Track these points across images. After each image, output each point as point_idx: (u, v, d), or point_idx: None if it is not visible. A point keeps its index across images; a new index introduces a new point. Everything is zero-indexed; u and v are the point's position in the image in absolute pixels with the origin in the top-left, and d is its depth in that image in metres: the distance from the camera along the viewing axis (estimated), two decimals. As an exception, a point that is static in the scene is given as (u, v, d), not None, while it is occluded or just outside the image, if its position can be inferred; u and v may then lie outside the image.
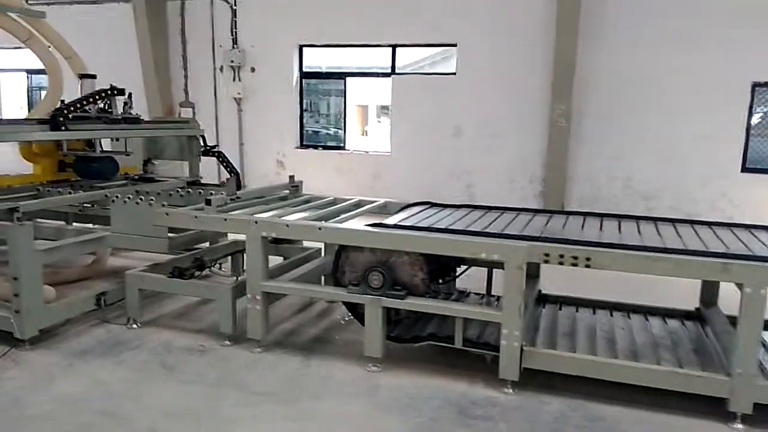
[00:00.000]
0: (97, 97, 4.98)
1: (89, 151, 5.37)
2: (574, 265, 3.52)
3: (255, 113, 11.24)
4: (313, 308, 5.28)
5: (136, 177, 6.18)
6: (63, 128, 4.64)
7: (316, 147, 11.29)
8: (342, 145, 11.16)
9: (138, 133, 5.44)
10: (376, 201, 5.21)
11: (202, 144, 6.35)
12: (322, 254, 5.46)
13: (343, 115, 11.12)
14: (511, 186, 9.78)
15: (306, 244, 5.52)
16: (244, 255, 5.01)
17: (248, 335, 4.28)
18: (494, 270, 4.67)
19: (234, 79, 11.20)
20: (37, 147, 5.31)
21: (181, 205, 5.31)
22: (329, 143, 11.36)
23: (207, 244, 5.54)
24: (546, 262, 3.57)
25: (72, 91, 5.99)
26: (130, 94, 5.37)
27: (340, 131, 11.74)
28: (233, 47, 11.06)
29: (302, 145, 11.28)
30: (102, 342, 4.41)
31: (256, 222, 4.12)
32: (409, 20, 9.98)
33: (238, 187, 6.30)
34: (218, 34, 11.19)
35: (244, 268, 5.34)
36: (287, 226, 4.08)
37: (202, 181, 6.41)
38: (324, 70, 11.28)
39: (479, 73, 9.71)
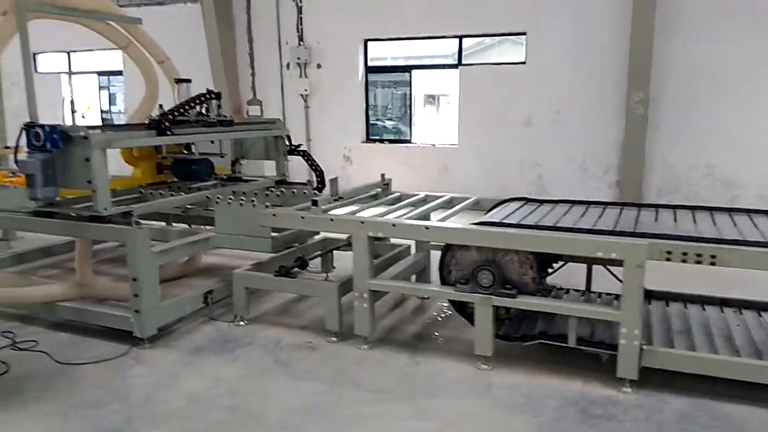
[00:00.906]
0: (197, 101, 5.12)
1: (187, 153, 5.55)
2: (698, 263, 3.45)
3: (321, 109, 11.36)
4: (407, 305, 5.33)
5: (225, 177, 6.34)
6: (168, 133, 4.81)
7: (382, 141, 11.34)
8: (408, 138, 11.17)
9: (231, 134, 5.59)
10: (468, 197, 5.21)
11: (287, 143, 6.46)
12: (412, 251, 5.51)
13: (408, 108, 11.11)
14: (584, 176, 9.59)
15: (393, 241, 5.58)
16: (333, 253, 5.22)
17: (355, 332, 4.36)
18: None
19: (300, 76, 11.33)
20: (137, 151, 5.51)
21: (277, 204, 5.45)
22: (387, 136, 11.37)
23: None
24: (668, 260, 3.50)
25: (164, 95, 6.21)
26: (219, 95, 5.51)
27: (399, 124, 11.76)
28: (299, 44, 11.19)
29: (368, 139, 11.34)
30: (214, 339, 4.58)
31: (362, 222, 4.18)
32: (476, 10, 9.86)
33: (322, 185, 6.43)
34: (284, 32, 11.33)
35: (333, 265, 5.52)
36: (393, 225, 4.13)
37: (288, 180, 6.54)
38: (389, 63, 11.28)
39: (550, 61, 9.53)
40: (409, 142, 11.12)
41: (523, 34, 9.76)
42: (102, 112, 13.92)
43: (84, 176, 4.25)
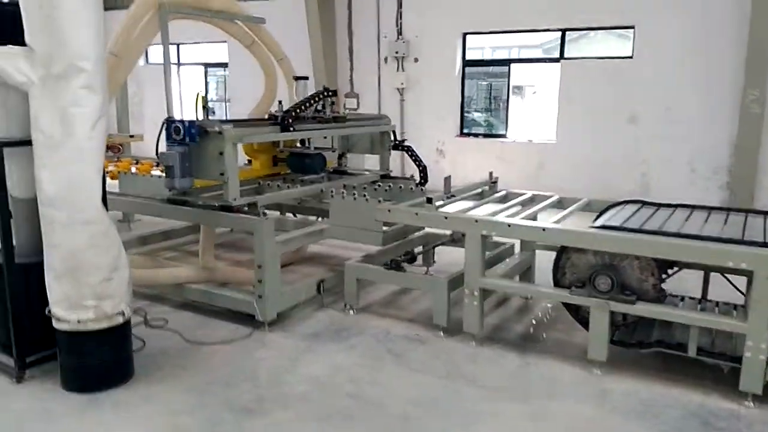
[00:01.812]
0: (316, 98, 5.36)
1: (302, 147, 5.81)
2: (840, 278, 3.29)
3: (416, 102, 11.46)
4: (510, 303, 5.36)
5: (332, 170, 6.57)
6: (291, 129, 5.06)
7: (476, 135, 11.31)
8: (503, 132, 11.08)
9: (345, 130, 5.80)
10: (579, 199, 5.16)
11: (392, 138, 6.61)
12: (516, 250, 5.53)
13: (505, 103, 11.02)
14: (692, 177, 9.19)
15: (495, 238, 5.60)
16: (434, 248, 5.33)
17: (464, 329, 4.45)
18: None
19: (398, 69, 11.48)
20: (257, 144, 5.82)
21: (385, 198, 5.60)
22: (477, 129, 11.29)
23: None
24: (806, 274, 3.36)
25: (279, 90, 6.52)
26: (335, 93, 5.72)
27: (489, 117, 11.69)
28: (398, 38, 11.32)
29: (462, 134, 11.35)
30: (328, 327, 4.80)
31: (476, 221, 4.26)
32: (581, 2, 9.62)
33: (425, 180, 6.54)
34: (383, 26, 11.50)
35: (434, 260, 5.62)
36: (509, 226, 4.18)
37: (392, 174, 6.71)
38: (487, 57, 11.22)
39: (660, 56, 9.17)
40: (504, 136, 11.03)
41: (631, 27, 9.43)
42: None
43: (217, 168, 4.57)
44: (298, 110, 5.19)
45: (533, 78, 13.52)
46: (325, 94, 5.49)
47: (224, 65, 13.91)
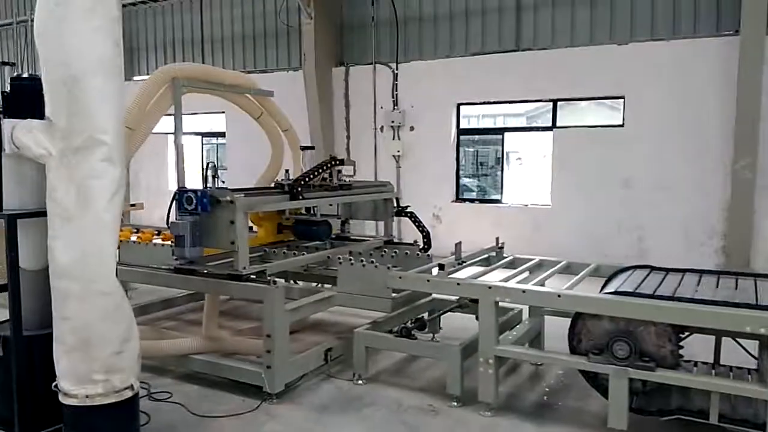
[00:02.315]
0: (324, 167, 5.44)
1: (309, 215, 5.84)
2: None
3: (412, 169, 11.65)
4: (521, 371, 5.28)
5: (335, 237, 6.58)
6: (300, 197, 5.11)
7: (472, 201, 11.46)
8: (498, 198, 11.25)
9: (352, 198, 5.86)
10: (587, 264, 5.18)
11: (395, 205, 6.68)
12: (524, 317, 5.50)
13: (500, 169, 11.24)
14: (687, 241, 9.30)
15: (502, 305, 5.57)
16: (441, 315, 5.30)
17: (479, 398, 4.36)
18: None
19: (393, 138, 11.73)
20: (262, 212, 5.84)
21: (393, 265, 5.60)
22: (469, 195, 11.51)
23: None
24: (826, 338, 3.36)
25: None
26: (342, 161, 5.82)
27: (482, 183, 11.90)
28: (394, 108, 11.63)
29: (458, 199, 11.50)
30: (337, 397, 4.69)
31: (489, 287, 4.25)
32: (571, 75, 10.00)
33: (429, 245, 6.56)
34: (379, 97, 11.83)
35: (440, 326, 5.57)
36: (524, 292, 4.18)
37: (395, 240, 6.73)
38: (479, 126, 11.53)
39: (650, 124, 9.46)
40: (499, 201, 11.18)
41: (621, 98, 9.78)
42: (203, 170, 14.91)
43: (228, 237, 4.57)
44: (307, 179, 5.26)
45: (518, 145, 13.82)
46: (332, 163, 5.58)
47: (221, 135, 14.15)
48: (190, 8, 14.15)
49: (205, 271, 4.90)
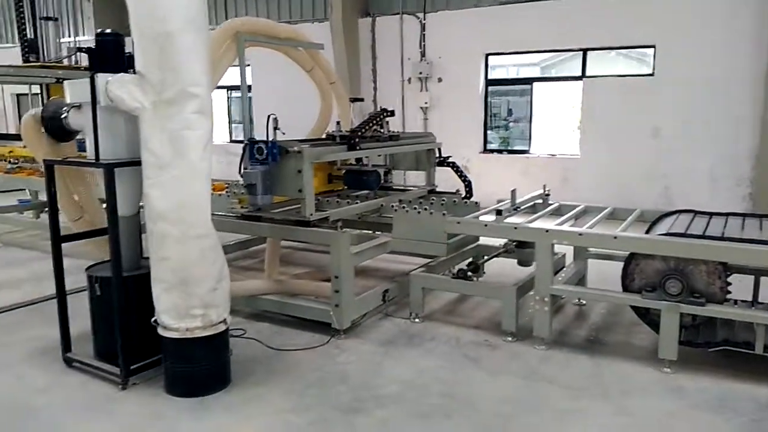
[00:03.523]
0: (378, 119, 5.65)
1: (360, 165, 6.08)
2: None
3: (440, 120, 11.77)
4: (566, 311, 5.59)
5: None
6: (357, 148, 5.34)
7: (500, 152, 11.63)
8: (527, 148, 11.41)
9: (402, 148, 6.09)
10: (632, 210, 5.43)
11: (437, 155, 6.90)
12: (568, 260, 5.78)
13: (528, 120, 11.35)
14: (714, 187, 9.50)
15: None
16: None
17: (534, 333, 4.70)
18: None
19: (421, 90, 11.82)
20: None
21: (443, 212, 5.87)
22: (491, 146, 11.69)
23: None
24: None
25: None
26: (393, 113, 6.02)
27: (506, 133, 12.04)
28: (422, 59, 11.68)
29: (486, 150, 11.67)
30: (398, 334, 5.03)
31: (546, 231, 4.52)
32: (601, 23, 10.01)
33: (470, 194, 6.81)
34: (407, 48, 11.87)
35: (483, 270, 5.87)
36: (580, 235, 4.45)
37: (438, 189, 6.98)
38: (509, 76, 11.58)
39: (680, 73, 9.52)
40: (527, 152, 11.35)
41: (652, 47, 9.81)
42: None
43: (296, 185, 4.83)
44: (362, 130, 5.47)
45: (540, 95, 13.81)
46: (384, 114, 5.78)
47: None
48: (214, -42, 14.06)
49: (272, 218, 5.18)
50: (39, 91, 8.12)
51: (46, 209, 9.78)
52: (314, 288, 5.53)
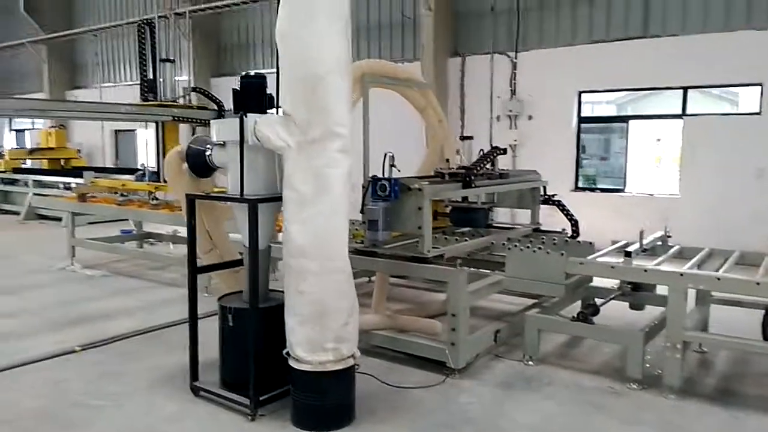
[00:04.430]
0: (491, 157, 5.68)
1: (468, 203, 6.10)
2: None
3: (530, 158, 11.66)
4: (688, 358, 5.33)
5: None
6: (473, 186, 5.37)
7: (593, 190, 11.40)
8: (621, 187, 11.13)
9: (513, 186, 6.09)
10: (762, 254, 5.16)
11: (542, 193, 6.84)
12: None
13: (624, 157, 11.09)
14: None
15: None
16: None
17: (665, 381, 4.49)
18: None
19: (510, 127, 11.81)
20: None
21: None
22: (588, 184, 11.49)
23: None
24: None
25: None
26: (505, 151, 6.04)
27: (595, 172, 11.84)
28: (512, 97, 11.71)
29: (577, 188, 11.46)
30: (514, 376, 4.93)
31: (681, 274, 4.36)
32: (703, 60, 9.75)
33: (577, 233, 6.68)
34: (496, 86, 11.94)
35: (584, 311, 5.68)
36: (718, 279, 4.26)
37: (542, 228, 6.89)
38: (605, 114, 11.43)
39: (790, 112, 9.12)
40: (621, 191, 11.07)
41: (758, 84, 9.45)
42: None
43: (416, 222, 4.89)
44: (478, 167, 5.51)
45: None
46: (497, 152, 5.80)
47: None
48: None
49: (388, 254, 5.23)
50: (155, 129, 8.65)
51: (148, 239, 10.45)
52: (423, 325, 5.53)
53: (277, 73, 4.01)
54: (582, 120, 11.37)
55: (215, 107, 8.56)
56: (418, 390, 4.64)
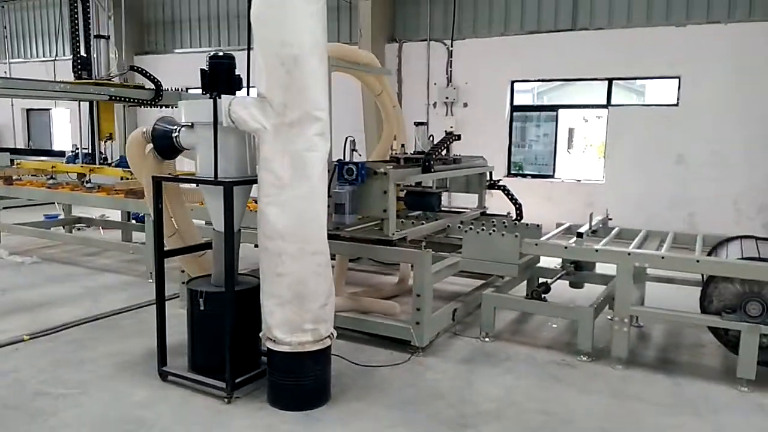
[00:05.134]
0: (447, 142, 5.85)
1: (423, 187, 6.26)
2: None
3: (466, 145, 11.94)
4: (626, 331, 5.78)
5: (431, 208, 7.00)
6: (432, 170, 5.52)
7: (525, 176, 11.91)
8: (551, 174, 11.69)
9: (466, 171, 6.30)
10: (693, 235, 5.67)
11: (488, 178, 7.12)
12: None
13: (553, 145, 11.65)
14: (737, 215, 9.83)
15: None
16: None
17: (612, 353, 4.87)
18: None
19: (446, 114, 12.09)
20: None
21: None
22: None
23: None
24: None
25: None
26: (459, 137, 6.24)
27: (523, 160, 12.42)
28: (448, 85, 11.98)
29: (510, 174, 11.93)
30: (474, 352, 5.17)
31: (629, 254, 4.72)
32: (627, 54, 10.39)
33: (521, 216, 7.02)
34: (433, 73, 12.17)
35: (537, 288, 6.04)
36: (662, 258, 4.65)
37: (488, 212, 7.19)
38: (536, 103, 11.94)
39: (704, 104, 9.92)
40: (551, 177, 11.63)
41: (676, 78, 10.19)
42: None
43: (381, 205, 5.00)
44: (436, 153, 5.67)
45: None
46: (452, 138, 5.98)
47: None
48: (238, -19, 14.31)
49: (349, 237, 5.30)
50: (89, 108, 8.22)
51: (77, 225, 9.94)
52: (383, 306, 5.67)
53: (248, 54, 3.98)
54: (514, 108, 11.81)
55: (153, 86, 8.23)
56: (385, 368, 4.78)
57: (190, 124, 4.22)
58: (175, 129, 4.30)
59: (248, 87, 4.20)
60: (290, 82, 3.76)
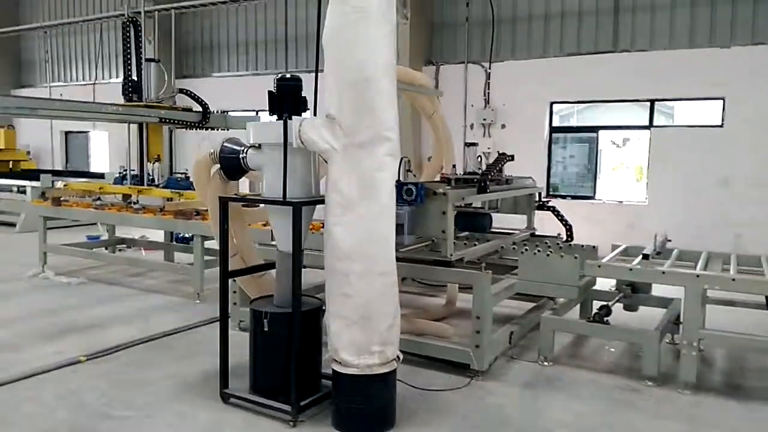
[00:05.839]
0: (501, 163, 5.82)
1: (473, 208, 6.22)
2: None
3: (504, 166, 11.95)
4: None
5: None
6: (487, 191, 5.48)
7: (564, 197, 11.79)
8: (591, 194, 11.56)
9: (521, 192, 6.25)
10: (756, 256, 5.51)
11: (537, 199, 7.05)
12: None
13: (594, 166, 11.53)
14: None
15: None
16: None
17: (680, 377, 4.73)
18: None
19: (484, 135, 12.07)
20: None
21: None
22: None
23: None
24: None
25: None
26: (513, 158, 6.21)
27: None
28: (485, 106, 11.98)
29: (549, 195, 11.81)
30: (535, 376, 5.05)
31: (697, 276, 4.60)
32: (669, 75, 10.29)
33: (571, 237, 6.92)
34: (470, 95, 12.19)
35: (594, 310, 5.92)
36: (733, 280, 4.52)
37: (537, 233, 7.10)
38: (575, 124, 11.87)
39: (750, 125, 9.75)
40: (592, 198, 11.50)
41: (720, 99, 10.05)
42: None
43: (439, 226, 4.96)
44: (491, 173, 5.63)
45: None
46: (506, 159, 5.95)
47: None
48: (275, 6, 14.55)
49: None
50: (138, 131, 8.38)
51: (119, 246, 10.06)
52: (436, 328, 5.61)
53: (316, 76, 4.01)
54: (553, 129, 11.75)
55: (200, 108, 8.37)
56: (447, 392, 4.69)
57: (257, 144, 4.25)
58: (243, 150, 4.34)
59: (314, 108, 4.23)
60: (361, 103, 3.77)
